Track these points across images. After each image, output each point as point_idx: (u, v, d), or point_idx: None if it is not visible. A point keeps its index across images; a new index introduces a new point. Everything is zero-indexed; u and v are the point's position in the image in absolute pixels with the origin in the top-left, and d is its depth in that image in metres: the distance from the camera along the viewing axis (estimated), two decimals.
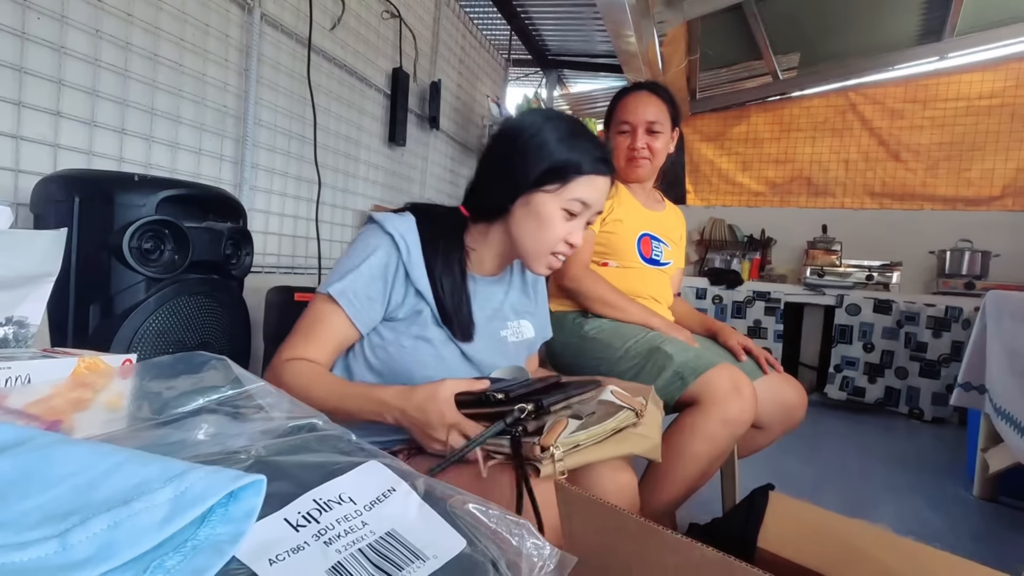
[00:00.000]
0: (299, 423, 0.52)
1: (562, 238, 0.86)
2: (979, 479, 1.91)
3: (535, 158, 0.83)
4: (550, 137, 0.84)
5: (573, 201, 0.84)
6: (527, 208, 0.85)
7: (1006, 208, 3.47)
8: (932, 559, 0.69)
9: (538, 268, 0.89)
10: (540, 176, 0.83)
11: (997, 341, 1.76)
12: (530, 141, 0.84)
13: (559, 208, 0.84)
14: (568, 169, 0.83)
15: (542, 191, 0.84)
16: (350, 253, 0.85)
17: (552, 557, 0.42)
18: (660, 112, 1.41)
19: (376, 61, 2.41)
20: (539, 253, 0.87)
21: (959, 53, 3.52)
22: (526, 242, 0.86)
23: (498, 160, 0.88)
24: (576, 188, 0.84)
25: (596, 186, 0.85)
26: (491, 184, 0.88)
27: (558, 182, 0.83)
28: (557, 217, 0.84)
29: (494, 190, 0.88)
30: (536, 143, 0.84)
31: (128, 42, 1.40)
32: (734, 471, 1.33)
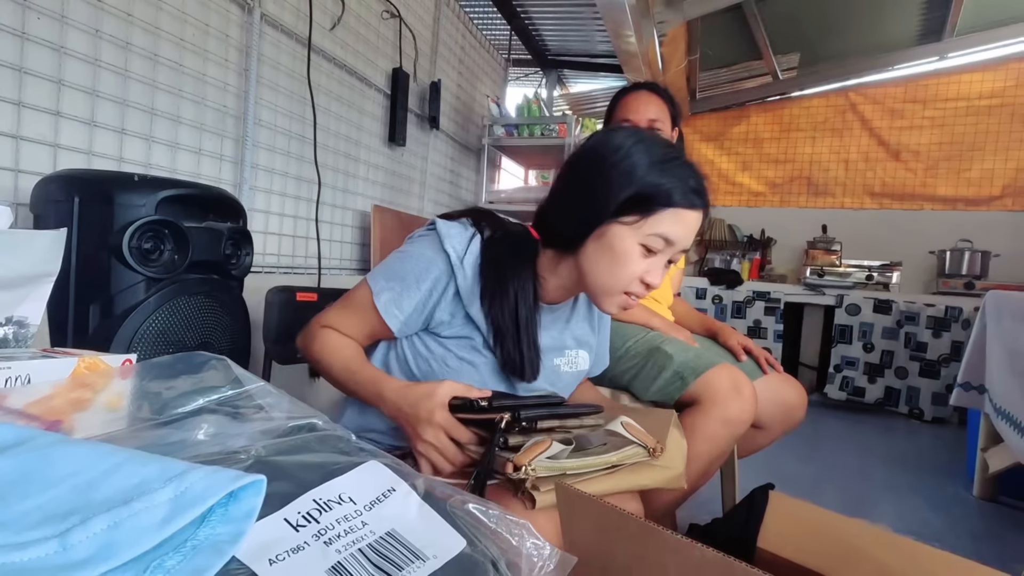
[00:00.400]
0: (299, 423, 0.52)
1: (638, 277, 0.75)
2: (979, 479, 1.91)
3: (618, 185, 0.73)
4: (639, 162, 0.73)
5: (654, 237, 0.73)
6: (601, 240, 0.75)
7: (1006, 208, 3.47)
8: (932, 559, 0.69)
9: (608, 308, 0.79)
10: (620, 206, 0.73)
11: (997, 341, 1.76)
12: (615, 166, 0.74)
13: (637, 243, 0.74)
14: (654, 200, 0.72)
15: (619, 223, 0.73)
16: (406, 256, 0.79)
17: (552, 557, 0.42)
18: (661, 111, 1.41)
19: (376, 61, 2.41)
20: (610, 292, 0.77)
21: (959, 53, 3.52)
22: (597, 278, 0.77)
23: (577, 184, 0.79)
24: (660, 222, 0.73)
25: (684, 221, 0.74)
26: (566, 210, 0.79)
27: (639, 213, 0.73)
28: (634, 253, 0.74)
29: (568, 218, 0.78)
30: (622, 168, 0.73)
31: (128, 42, 1.40)
32: (734, 471, 1.33)
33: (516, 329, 0.78)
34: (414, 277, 0.78)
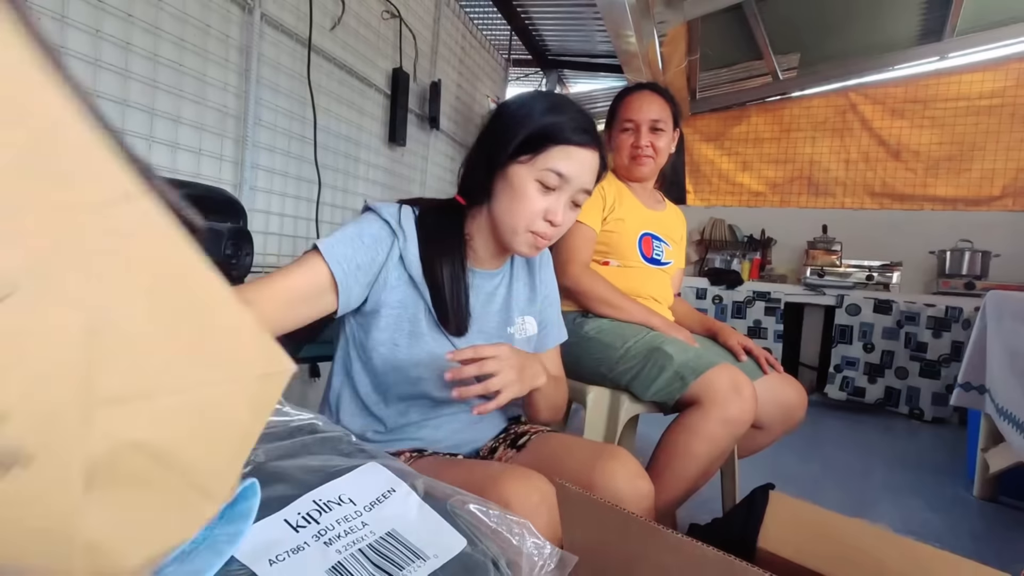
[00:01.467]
0: (299, 424, 0.52)
1: (539, 214, 0.81)
2: (979, 479, 1.91)
3: (513, 129, 0.80)
4: (532, 109, 0.81)
5: (547, 172, 0.79)
6: (503, 182, 0.82)
7: (1006, 208, 3.47)
8: (932, 558, 0.69)
9: (519, 247, 0.84)
10: (516, 147, 0.80)
11: (997, 341, 1.76)
12: (513, 115, 0.82)
13: (532, 179, 0.80)
14: (543, 138, 0.79)
15: (516, 162, 0.80)
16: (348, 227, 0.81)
17: (553, 556, 0.42)
18: (663, 111, 1.41)
19: (376, 61, 2.41)
20: (515, 229, 0.82)
21: (959, 53, 3.52)
22: (503, 218, 0.83)
23: (482, 140, 0.87)
24: (550, 158, 0.79)
25: (574, 157, 0.80)
26: (476, 164, 0.87)
27: (531, 152, 0.79)
28: (531, 189, 0.80)
29: (477, 168, 0.86)
30: (518, 116, 0.81)
31: (128, 42, 1.40)
32: (734, 471, 1.33)
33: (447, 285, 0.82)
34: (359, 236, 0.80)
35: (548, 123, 0.79)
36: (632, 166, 1.44)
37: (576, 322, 1.36)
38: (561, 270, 1.37)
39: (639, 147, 1.41)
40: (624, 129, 1.43)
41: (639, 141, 1.41)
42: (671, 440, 1.12)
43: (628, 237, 1.42)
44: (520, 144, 0.80)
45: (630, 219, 1.42)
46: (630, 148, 1.42)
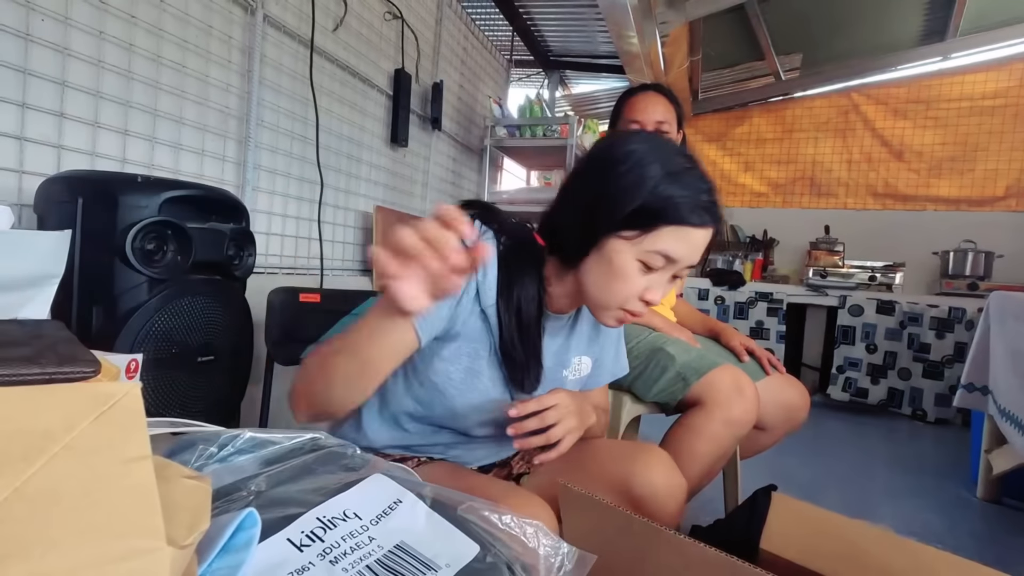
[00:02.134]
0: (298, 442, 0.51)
1: (636, 295, 0.71)
2: (982, 480, 1.90)
3: (622, 197, 0.67)
4: (646, 172, 0.67)
5: (654, 254, 0.68)
6: (600, 253, 0.70)
7: (1010, 209, 3.46)
8: (935, 560, 0.69)
9: (605, 320, 0.75)
10: (622, 220, 0.67)
11: (1001, 342, 1.76)
12: (621, 175, 0.68)
13: (634, 259, 0.68)
14: (657, 215, 0.67)
15: (619, 236, 0.68)
16: None
17: (571, 556, 0.41)
18: (668, 113, 1.41)
19: (378, 62, 2.41)
20: (605, 306, 0.73)
21: (962, 53, 3.51)
22: (592, 291, 0.73)
23: (583, 192, 0.73)
24: (661, 239, 0.67)
25: (688, 239, 0.68)
26: (570, 221, 0.74)
27: (640, 228, 0.67)
28: (631, 269, 0.69)
29: (571, 229, 0.73)
30: (628, 179, 0.68)
31: (131, 43, 1.41)
32: (736, 472, 1.33)
33: (521, 336, 0.74)
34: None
35: (665, 197, 0.67)
36: None
37: None
38: None
39: None
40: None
41: None
42: (673, 441, 1.11)
43: None
44: (626, 218, 0.67)
45: None
46: None
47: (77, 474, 0.28)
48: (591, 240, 0.70)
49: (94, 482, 0.28)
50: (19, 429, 0.28)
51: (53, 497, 0.27)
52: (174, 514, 0.29)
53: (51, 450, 0.28)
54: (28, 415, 0.29)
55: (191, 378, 1.16)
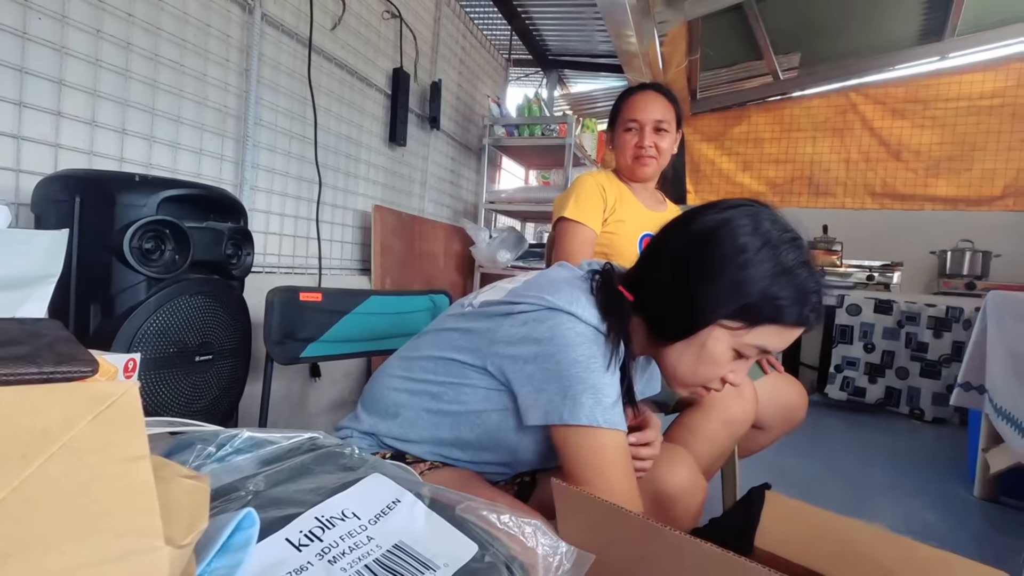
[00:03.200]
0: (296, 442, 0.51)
1: (720, 376, 0.71)
2: (980, 479, 1.90)
3: (732, 294, 0.65)
4: (760, 272, 0.65)
5: (751, 347, 0.68)
6: (697, 336, 0.69)
7: (1007, 208, 3.47)
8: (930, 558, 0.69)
9: (679, 392, 0.75)
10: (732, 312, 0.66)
11: (998, 341, 1.76)
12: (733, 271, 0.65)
13: (731, 348, 0.68)
14: (764, 313, 0.66)
15: (720, 325, 0.67)
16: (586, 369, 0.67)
17: (569, 555, 0.42)
18: (667, 112, 1.41)
19: (377, 61, 2.41)
20: (689, 385, 0.73)
21: (960, 53, 3.52)
22: (679, 370, 0.72)
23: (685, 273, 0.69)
24: (763, 335, 0.67)
25: (787, 336, 0.68)
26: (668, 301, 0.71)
27: (744, 322, 0.66)
28: (726, 358, 0.68)
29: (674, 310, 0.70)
30: (740, 276, 0.65)
31: (129, 42, 1.41)
32: (735, 471, 1.33)
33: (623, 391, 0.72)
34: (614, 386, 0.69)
35: (776, 298, 0.65)
36: (635, 166, 1.44)
37: None
38: None
39: (643, 147, 1.41)
40: (628, 129, 1.43)
41: (643, 141, 1.41)
42: (672, 440, 1.11)
43: (628, 238, 1.42)
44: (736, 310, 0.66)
45: (631, 220, 1.42)
46: (633, 148, 1.42)
47: (75, 474, 0.28)
48: (692, 327, 0.68)
49: (92, 481, 0.28)
50: (17, 428, 0.28)
51: (51, 496, 0.27)
52: (172, 514, 0.29)
53: (49, 449, 0.28)
54: (26, 414, 0.29)
55: (189, 377, 1.16)
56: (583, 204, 1.39)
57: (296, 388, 1.95)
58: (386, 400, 0.83)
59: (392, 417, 0.81)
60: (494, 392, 0.74)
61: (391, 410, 0.82)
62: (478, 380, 0.75)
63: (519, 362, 0.70)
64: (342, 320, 1.19)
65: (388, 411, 0.82)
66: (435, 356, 0.79)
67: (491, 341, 0.73)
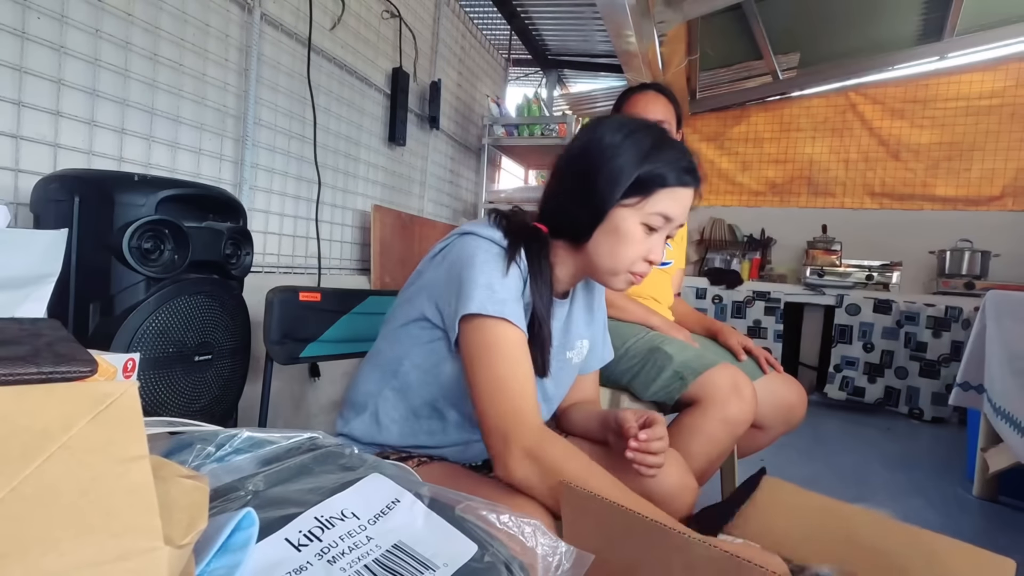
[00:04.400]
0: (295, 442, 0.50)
1: (642, 255, 0.80)
2: (979, 479, 1.91)
3: (619, 176, 0.77)
4: (634, 153, 0.77)
5: (654, 215, 0.78)
6: (606, 225, 0.79)
7: (1006, 208, 3.47)
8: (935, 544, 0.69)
9: (617, 285, 0.83)
10: (625, 191, 0.77)
11: (997, 341, 1.76)
12: (612, 159, 0.78)
13: (639, 223, 0.78)
14: (651, 182, 0.77)
15: (622, 206, 0.77)
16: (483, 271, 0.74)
17: (568, 555, 0.42)
18: (668, 112, 1.41)
19: (376, 61, 2.41)
20: (615, 271, 0.81)
21: (959, 53, 3.52)
22: (603, 261, 0.80)
23: (578, 179, 0.81)
24: (659, 201, 0.77)
25: (680, 198, 0.79)
26: (572, 206, 0.81)
27: (639, 195, 0.77)
28: (637, 233, 0.78)
29: (576, 212, 0.80)
30: (619, 162, 0.77)
31: (128, 42, 1.40)
32: (734, 471, 1.33)
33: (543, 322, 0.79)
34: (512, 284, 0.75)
35: (657, 166, 0.77)
36: None
37: None
38: None
39: None
40: None
41: None
42: (671, 440, 1.11)
43: None
44: (628, 188, 0.77)
45: None
46: None
47: (74, 473, 0.28)
48: (600, 214, 0.79)
49: (91, 481, 0.28)
50: (16, 428, 0.28)
51: (51, 496, 0.27)
52: (172, 514, 0.29)
53: (48, 449, 0.28)
54: (25, 414, 0.29)
55: (188, 377, 1.16)
56: None
57: (296, 388, 1.95)
58: (357, 398, 0.87)
59: (363, 411, 0.85)
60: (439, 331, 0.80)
61: (362, 405, 0.86)
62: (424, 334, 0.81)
63: (440, 286, 0.78)
64: (341, 320, 1.19)
65: (360, 407, 0.86)
66: (388, 335, 0.86)
67: (422, 287, 0.81)
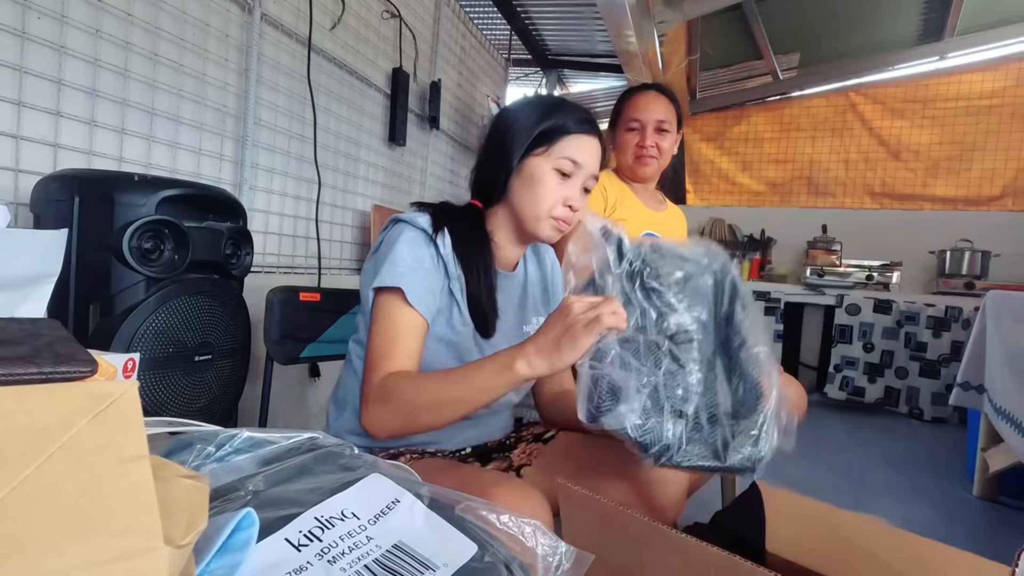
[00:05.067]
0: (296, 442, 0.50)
1: (560, 200, 0.87)
2: (979, 479, 1.91)
3: (524, 131, 0.87)
4: (538, 107, 0.88)
5: (563, 160, 0.85)
6: (521, 176, 0.87)
7: (1006, 208, 3.47)
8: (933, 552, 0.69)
9: (544, 232, 0.88)
10: (531, 143, 0.86)
11: (997, 341, 1.76)
12: (522, 115, 0.88)
13: (550, 169, 0.86)
14: (555, 130, 0.86)
15: (532, 155, 0.86)
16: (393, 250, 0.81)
17: (568, 555, 0.41)
18: (669, 112, 1.41)
19: (376, 61, 2.41)
20: (539, 216, 0.87)
21: (959, 53, 3.52)
22: (525, 208, 0.87)
23: (491, 147, 0.92)
24: (564, 147, 0.86)
25: (584, 145, 0.87)
26: (489, 170, 0.91)
27: (545, 144, 0.86)
28: (550, 178, 0.86)
29: (492, 170, 0.90)
30: (528, 115, 0.88)
31: (128, 42, 1.40)
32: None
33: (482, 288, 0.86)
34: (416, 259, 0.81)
35: (557, 117, 0.86)
36: (636, 166, 1.44)
37: None
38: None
39: (644, 147, 1.41)
40: (630, 129, 1.43)
41: (644, 141, 1.41)
42: None
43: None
44: (535, 139, 0.86)
45: (631, 220, 1.42)
46: (635, 148, 1.42)
47: (74, 473, 0.28)
48: (511, 166, 0.88)
49: (91, 481, 0.28)
50: (16, 428, 0.28)
51: (50, 496, 0.27)
52: (171, 514, 0.29)
53: (48, 449, 0.28)
54: (25, 414, 0.29)
55: (188, 377, 1.16)
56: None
57: (296, 388, 1.95)
58: (339, 396, 0.92)
59: (344, 408, 0.90)
60: None
61: (343, 402, 0.90)
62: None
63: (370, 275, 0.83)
64: (341, 320, 1.19)
65: (341, 404, 0.91)
66: (354, 333, 0.93)
67: (365, 283, 0.86)
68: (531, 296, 0.98)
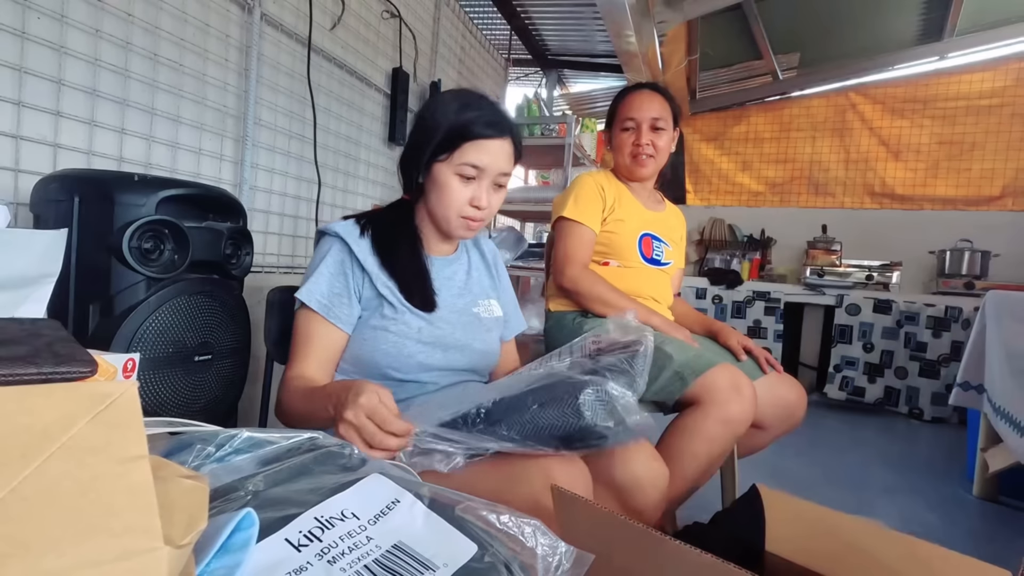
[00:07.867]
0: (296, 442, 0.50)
1: (465, 202, 0.91)
2: (979, 479, 1.91)
3: (431, 133, 0.90)
4: (446, 111, 0.90)
5: (464, 166, 0.89)
6: (430, 181, 0.92)
7: (1006, 208, 3.47)
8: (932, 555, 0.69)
9: (456, 231, 0.94)
10: (435, 148, 0.89)
11: (997, 341, 1.76)
12: (429, 119, 0.91)
13: (452, 174, 0.89)
14: (456, 137, 0.88)
15: (437, 161, 0.90)
16: (312, 264, 0.91)
17: (568, 555, 0.41)
18: (664, 110, 1.41)
19: (376, 61, 2.41)
20: (448, 218, 0.92)
21: (959, 53, 3.52)
22: (435, 210, 0.93)
23: (408, 145, 0.96)
24: (465, 153, 0.88)
25: (486, 149, 0.89)
26: (407, 168, 0.96)
27: (447, 151, 0.89)
28: (453, 182, 0.90)
29: (409, 169, 0.95)
30: (434, 120, 0.90)
31: (128, 42, 1.40)
32: (734, 471, 1.33)
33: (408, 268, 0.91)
34: (324, 266, 0.89)
35: (459, 122, 0.89)
36: (634, 166, 1.44)
37: (576, 322, 1.36)
38: (559, 271, 1.37)
39: (640, 146, 1.41)
40: (625, 128, 1.43)
41: (640, 140, 1.41)
42: (671, 440, 1.11)
43: (628, 238, 1.42)
44: (437, 146, 0.89)
45: (630, 220, 1.42)
46: (631, 147, 1.42)
47: (74, 473, 0.28)
48: (418, 172, 0.92)
49: (91, 481, 0.28)
50: (16, 428, 0.28)
51: (50, 496, 0.27)
52: (171, 514, 0.29)
53: (48, 449, 0.28)
54: (25, 414, 0.29)
55: (188, 377, 1.16)
56: (582, 204, 1.39)
57: None
58: None
59: None
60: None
61: None
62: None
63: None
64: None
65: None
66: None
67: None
68: (476, 281, 1.03)
